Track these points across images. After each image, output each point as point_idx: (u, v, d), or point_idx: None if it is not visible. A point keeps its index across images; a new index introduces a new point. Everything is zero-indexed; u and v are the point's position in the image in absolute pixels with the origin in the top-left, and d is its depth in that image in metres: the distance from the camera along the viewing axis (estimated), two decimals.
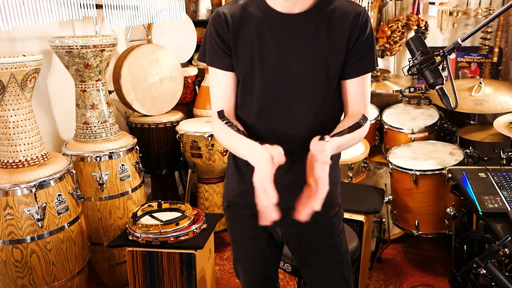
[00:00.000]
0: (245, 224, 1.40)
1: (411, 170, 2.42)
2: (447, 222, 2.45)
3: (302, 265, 1.44)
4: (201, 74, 3.42)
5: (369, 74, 1.26)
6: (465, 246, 2.21)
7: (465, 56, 3.15)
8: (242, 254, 1.47)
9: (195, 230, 2.07)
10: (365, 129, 1.23)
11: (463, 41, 1.31)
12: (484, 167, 2.04)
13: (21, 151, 1.99)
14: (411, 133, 2.82)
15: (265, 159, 1.03)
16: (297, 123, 1.22)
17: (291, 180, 1.22)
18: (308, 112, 1.22)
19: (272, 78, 1.21)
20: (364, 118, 1.20)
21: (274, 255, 1.47)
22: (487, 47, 3.02)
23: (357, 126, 1.17)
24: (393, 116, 3.03)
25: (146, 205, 2.22)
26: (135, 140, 2.54)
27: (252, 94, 1.24)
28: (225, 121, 1.20)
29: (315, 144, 1.05)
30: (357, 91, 1.24)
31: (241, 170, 1.32)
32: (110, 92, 2.66)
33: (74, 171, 2.17)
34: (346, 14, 1.18)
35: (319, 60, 1.19)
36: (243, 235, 1.43)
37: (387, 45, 3.20)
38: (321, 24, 1.18)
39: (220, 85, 1.27)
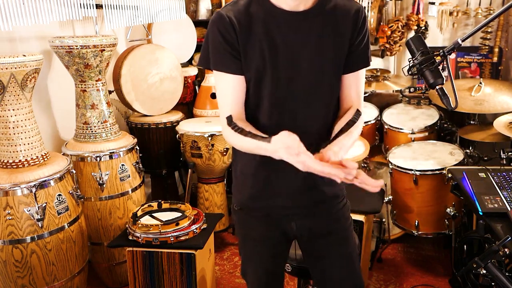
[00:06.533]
0: (257, 224, 1.41)
1: (411, 170, 2.42)
2: (447, 222, 2.45)
3: (315, 259, 1.44)
4: (201, 74, 3.42)
5: (364, 70, 1.31)
6: (465, 246, 2.20)
7: (465, 56, 3.15)
8: (253, 254, 1.48)
9: (195, 230, 2.07)
10: (359, 124, 1.26)
11: (463, 41, 1.30)
12: (484, 167, 2.04)
13: (21, 151, 1.99)
14: (411, 133, 2.82)
15: (286, 138, 1.05)
16: (310, 119, 1.26)
17: (301, 178, 1.24)
18: (321, 108, 1.27)
19: (284, 76, 1.22)
20: (358, 114, 1.25)
21: (284, 253, 1.50)
22: (487, 47, 3.01)
23: (350, 124, 1.21)
24: (393, 116, 3.02)
25: (146, 205, 2.22)
26: (135, 140, 2.54)
27: (263, 93, 1.24)
28: (235, 128, 1.18)
29: (329, 151, 1.09)
30: (354, 85, 1.29)
31: (252, 173, 1.34)
32: (110, 92, 2.66)
33: (74, 171, 2.17)
34: (347, 10, 1.23)
35: (327, 56, 1.23)
36: (254, 235, 1.44)
37: (387, 45, 3.20)
38: (326, 20, 1.21)
39: (229, 89, 1.23)
